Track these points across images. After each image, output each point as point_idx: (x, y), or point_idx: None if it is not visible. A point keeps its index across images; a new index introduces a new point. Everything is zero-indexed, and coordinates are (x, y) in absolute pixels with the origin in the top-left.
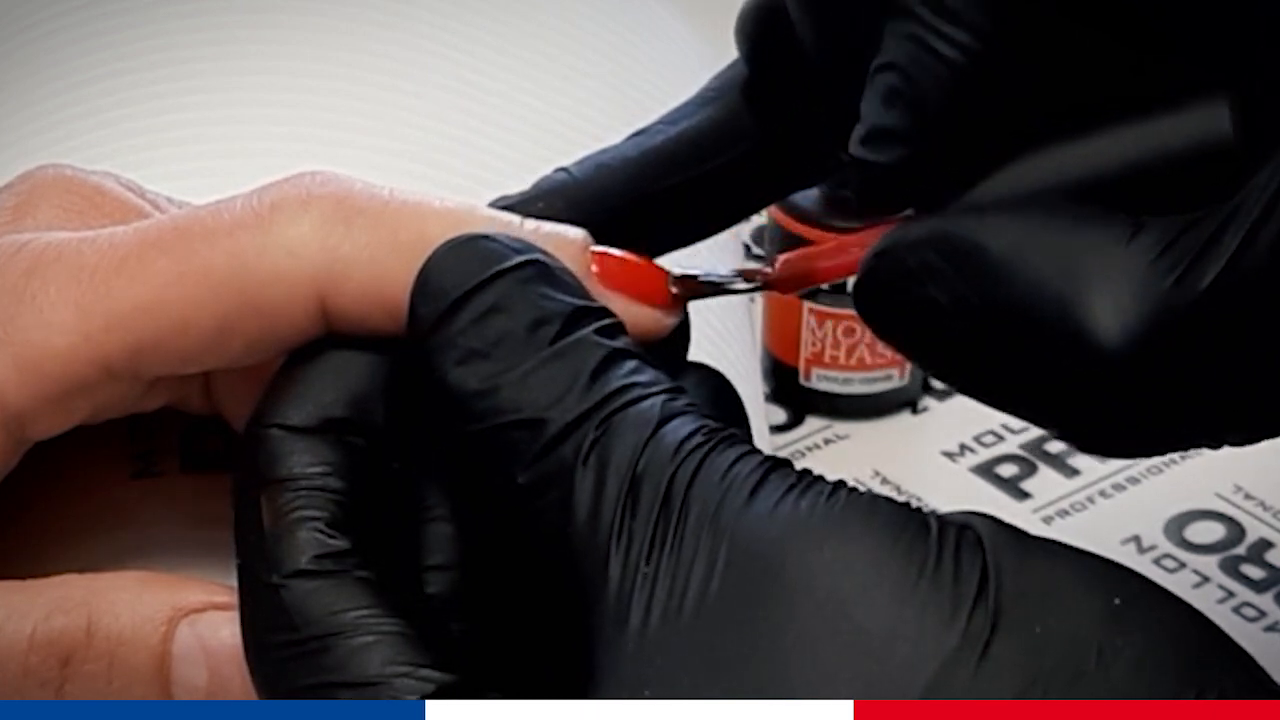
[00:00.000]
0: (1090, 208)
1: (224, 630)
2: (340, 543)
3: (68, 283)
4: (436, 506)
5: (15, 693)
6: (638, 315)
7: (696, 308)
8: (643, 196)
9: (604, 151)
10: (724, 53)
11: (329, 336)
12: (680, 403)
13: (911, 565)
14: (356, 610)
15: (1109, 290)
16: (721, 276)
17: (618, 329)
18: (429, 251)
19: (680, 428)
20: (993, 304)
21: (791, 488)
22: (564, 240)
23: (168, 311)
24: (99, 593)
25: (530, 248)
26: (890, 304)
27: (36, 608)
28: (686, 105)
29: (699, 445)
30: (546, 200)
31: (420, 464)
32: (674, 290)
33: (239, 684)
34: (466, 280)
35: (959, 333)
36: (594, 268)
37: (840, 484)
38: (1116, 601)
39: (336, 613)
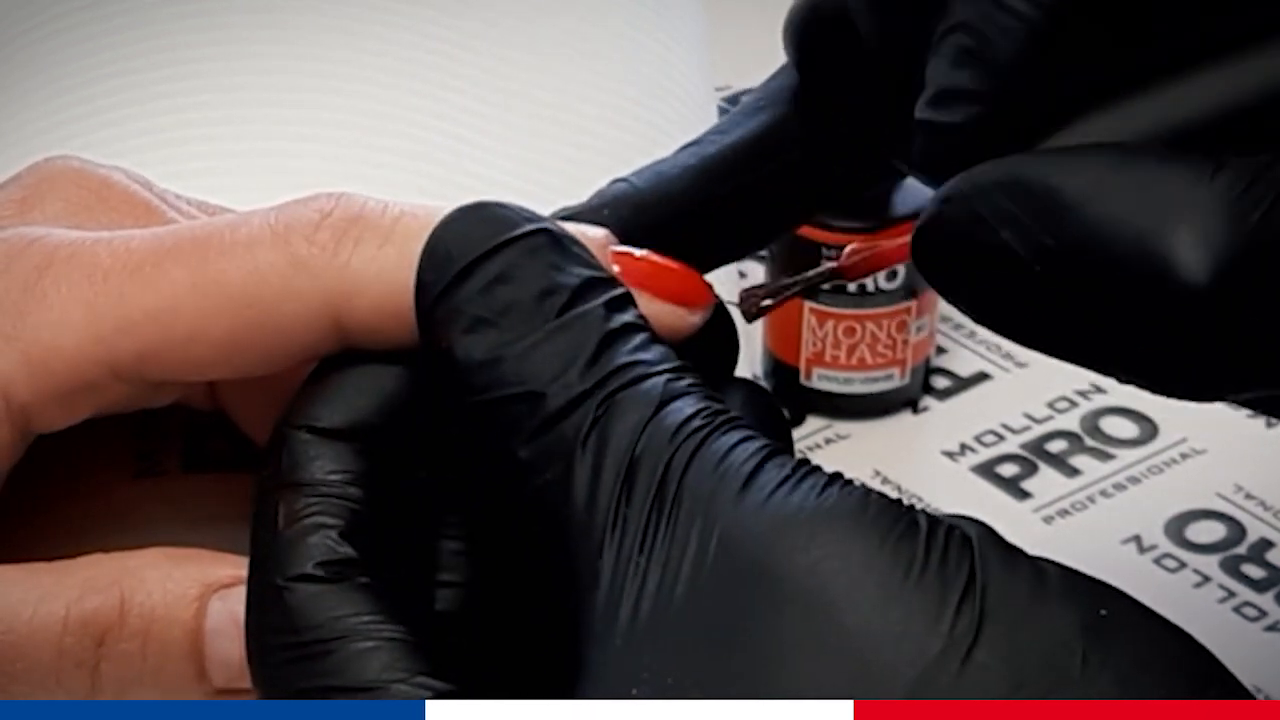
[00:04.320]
0: (1167, 149)
1: None
2: (348, 550)
3: (80, 282)
4: (452, 523)
5: (51, 674)
6: (660, 312)
7: None
8: (706, 200)
9: (661, 162)
10: (732, 43)
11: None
12: (684, 382)
13: (899, 566)
14: (358, 616)
15: (1194, 225)
16: (784, 282)
17: (627, 301)
18: None
19: (682, 409)
20: (1070, 245)
21: (785, 479)
22: (584, 237)
23: (179, 321)
24: (130, 571)
25: (541, 218)
26: (957, 252)
27: (68, 588)
28: (735, 114)
29: (698, 429)
30: (612, 209)
31: (442, 477)
32: (744, 308)
33: None
34: (475, 248)
35: (1032, 278)
36: (615, 268)
37: (836, 477)
38: (1103, 613)
39: (338, 617)
